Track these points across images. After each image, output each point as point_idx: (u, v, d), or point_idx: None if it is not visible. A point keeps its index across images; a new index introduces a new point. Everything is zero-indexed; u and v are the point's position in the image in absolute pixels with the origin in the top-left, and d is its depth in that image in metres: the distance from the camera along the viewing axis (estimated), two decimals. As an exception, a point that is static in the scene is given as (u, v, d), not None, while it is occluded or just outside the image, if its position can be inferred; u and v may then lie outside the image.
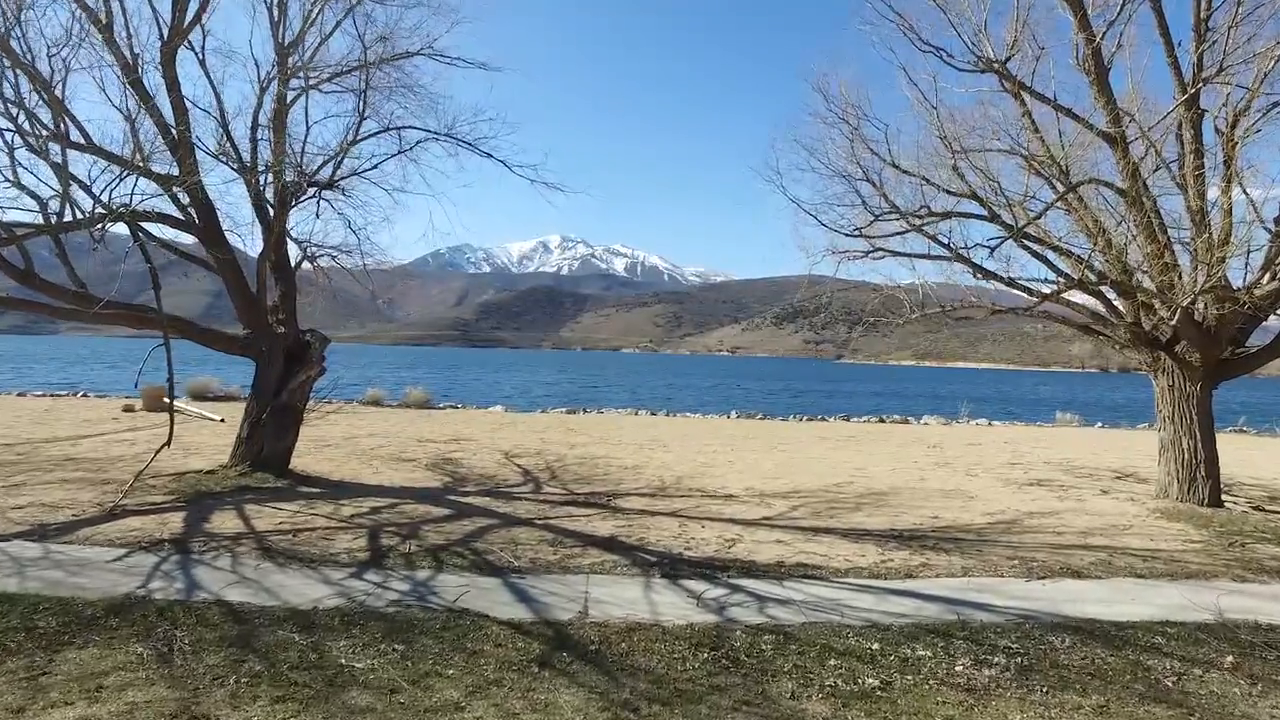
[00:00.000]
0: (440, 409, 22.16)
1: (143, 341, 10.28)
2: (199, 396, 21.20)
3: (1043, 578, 6.53)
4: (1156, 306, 8.73)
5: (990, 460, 14.64)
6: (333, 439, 13.99)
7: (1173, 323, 8.01)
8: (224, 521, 7.27)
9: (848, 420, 23.79)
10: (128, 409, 17.60)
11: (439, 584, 5.74)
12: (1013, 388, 75.32)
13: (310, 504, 8.24)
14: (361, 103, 9.81)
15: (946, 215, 10.01)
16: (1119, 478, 12.67)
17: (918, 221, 10.04)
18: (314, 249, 12.54)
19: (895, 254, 12.16)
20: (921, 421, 24.09)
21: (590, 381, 64.16)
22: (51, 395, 21.70)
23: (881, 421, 23.57)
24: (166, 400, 18.90)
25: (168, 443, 8.31)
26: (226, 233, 9.86)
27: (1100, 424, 25.17)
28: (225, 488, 8.61)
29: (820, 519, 8.81)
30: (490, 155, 10.26)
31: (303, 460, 11.23)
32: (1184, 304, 7.73)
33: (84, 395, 21.66)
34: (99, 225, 7.76)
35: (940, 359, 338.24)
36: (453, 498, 9.11)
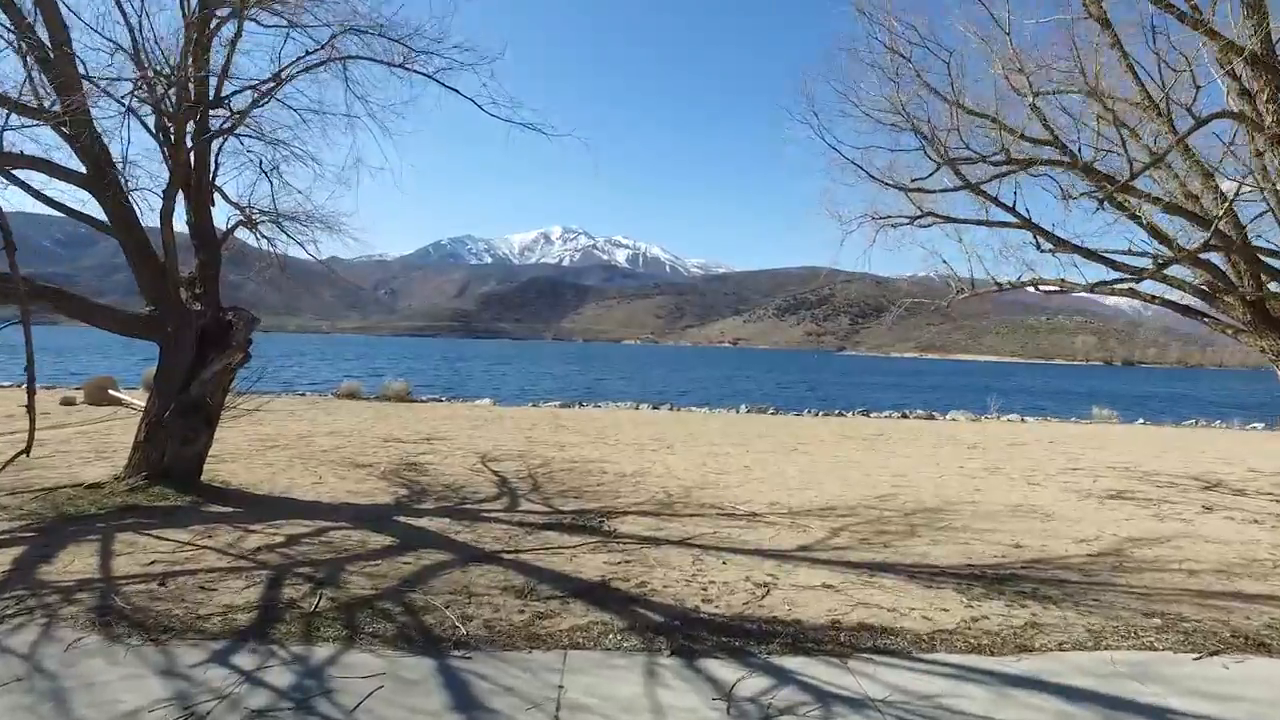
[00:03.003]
0: (422, 401, 20.24)
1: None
2: (157, 388, 19.29)
3: (1216, 652, 4.59)
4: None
5: (1045, 465, 12.70)
6: (284, 438, 12.06)
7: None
8: (72, 561, 5.33)
9: (868, 416, 21.85)
10: (66, 402, 15.68)
11: (340, 673, 3.81)
12: (1026, 380, 73.39)
13: (209, 530, 6.30)
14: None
15: (1029, 163, 8.01)
16: (1207, 488, 10.72)
17: (993, 171, 8.05)
18: (256, 214, 10.65)
19: (947, 220, 10.21)
20: (948, 417, 22.15)
21: (598, 375, 61.98)
22: (-7, 386, 19.79)
23: (905, 417, 21.64)
24: (114, 394, 17.02)
25: (26, 450, 6.37)
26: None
27: (1141, 420, 23.24)
28: (104, 508, 6.67)
29: (872, 549, 6.87)
30: (455, 90, 8.26)
31: (232, 465, 9.32)
32: None
33: (30, 386, 19.71)
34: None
35: (943, 351, 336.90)
36: (403, 518, 7.18)
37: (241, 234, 10.98)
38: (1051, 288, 10.28)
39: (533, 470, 10.15)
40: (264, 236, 11.12)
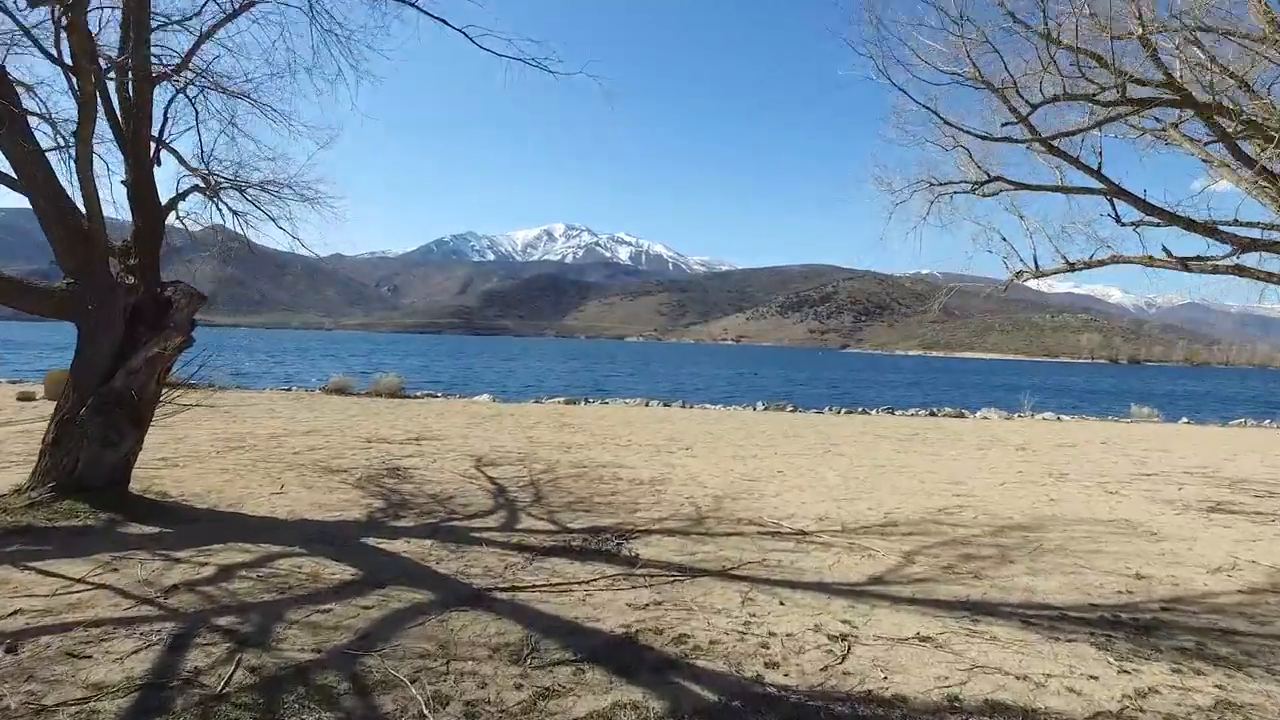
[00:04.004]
0: (415, 398, 18.83)
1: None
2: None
3: None
4: None
5: (1111, 469, 11.27)
6: (255, 437, 10.66)
7: None
8: (-96, 611, 3.94)
9: (893, 413, 20.40)
10: (24, 397, 14.31)
11: (232, 816, 2.41)
12: (1039, 378, 71.86)
13: (118, 561, 4.90)
14: None
15: (1148, 104, 6.55)
16: (1315, 498, 9.29)
17: (1098, 117, 6.61)
18: (216, 179, 9.30)
19: (1017, 186, 8.81)
20: (979, 415, 20.71)
21: (604, 371, 60.16)
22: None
23: (933, 415, 20.19)
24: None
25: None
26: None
27: (1184, 419, 21.78)
28: (-10, 529, 5.27)
29: (962, 581, 5.45)
30: (442, 20, 6.82)
31: (181, 471, 7.93)
32: None
33: (-5, 380, 18.40)
34: None
35: (947, 349, 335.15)
36: (373, 540, 5.77)
37: (222, 217, 9.70)
38: (1135, 266, 8.84)
39: (535, 477, 8.74)
40: (226, 206, 9.77)
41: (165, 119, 8.22)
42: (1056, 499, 8.76)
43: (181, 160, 8.77)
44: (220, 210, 9.64)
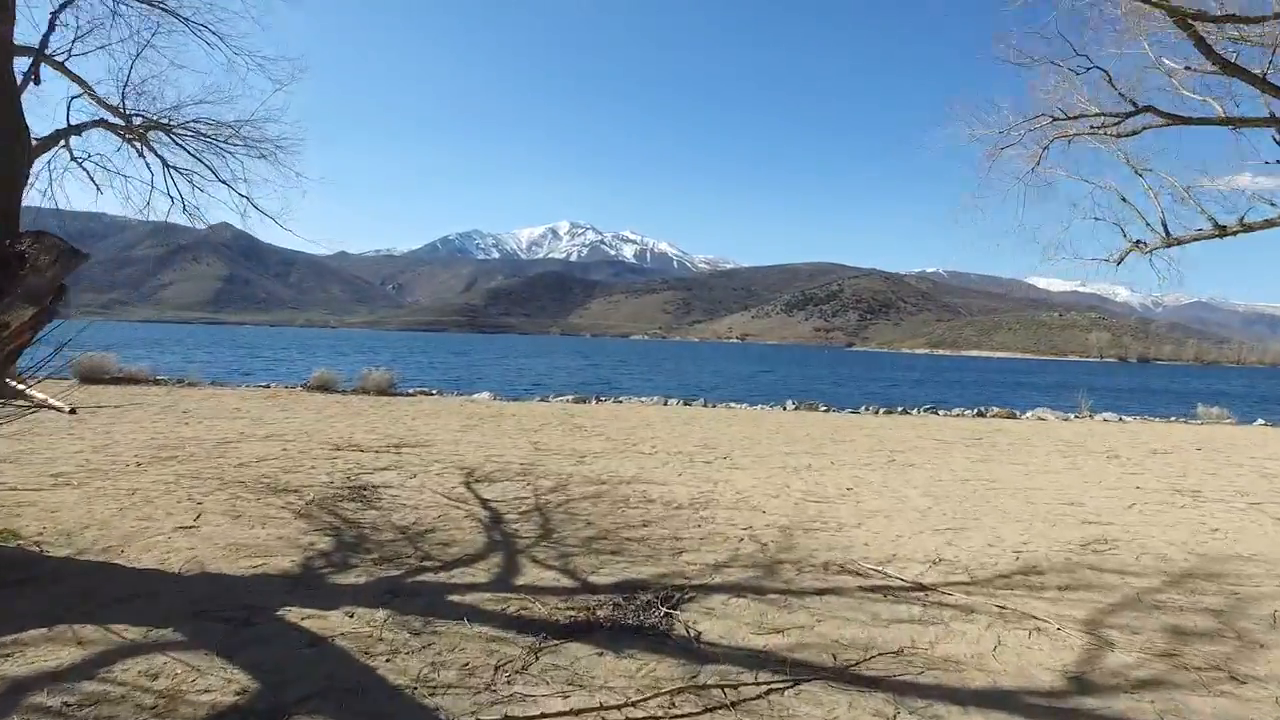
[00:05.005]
0: (406, 395, 16.86)
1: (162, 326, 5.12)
2: (91, 379, 16.02)
3: None
4: None
5: (1246, 484, 9.26)
6: (197, 444, 8.69)
7: None
8: None
9: (937, 413, 18.36)
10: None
11: None
12: (1057, 376, 69.59)
13: None
14: None
15: None
16: None
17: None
18: (139, 115, 7.48)
19: (1173, 119, 6.80)
20: (1034, 416, 18.66)
21: (613, 368, 57.89)
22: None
23: (982, 415, 18.15)
24: (16, 385, 13.70)
25: None
26: None
27: (1260, 420, 19.72)
28: None
29: (1211, 685, 3.46)
30: None
31: (71, 492, 5.96)
32: None
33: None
34: None
35: (954, 348, 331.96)
36: (297, 611, 3.78)
37: (149, 170, 7.83)
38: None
39: (541, 498, 6.75)
40: (157, 155, 7.89)
41: (53, 27, 6.32)
42: (1219, 528, 6.74)
43: (84, 84, 6.85)
44: (146, 160, 7.77)
